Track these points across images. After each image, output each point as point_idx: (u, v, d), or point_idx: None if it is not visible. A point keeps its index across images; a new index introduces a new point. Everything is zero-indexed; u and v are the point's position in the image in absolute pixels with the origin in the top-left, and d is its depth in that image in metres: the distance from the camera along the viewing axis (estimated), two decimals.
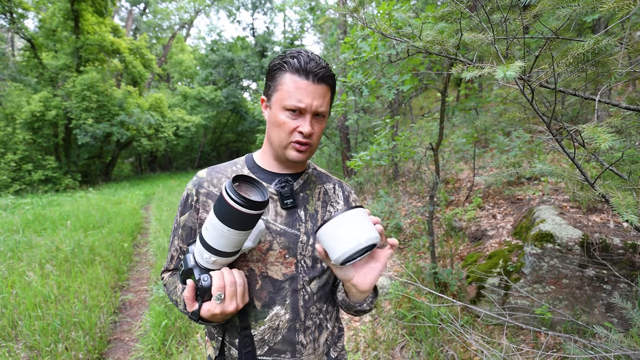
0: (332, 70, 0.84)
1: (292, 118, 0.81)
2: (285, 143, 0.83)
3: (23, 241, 4.92)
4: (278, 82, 0.81)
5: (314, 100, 0.79)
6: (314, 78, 0.79)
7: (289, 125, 0.81)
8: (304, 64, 0.78)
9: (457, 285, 2.78)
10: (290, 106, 0.79)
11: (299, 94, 0.78)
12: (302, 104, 0.78)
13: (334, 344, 0.95)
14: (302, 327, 0.86)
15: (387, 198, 4.63)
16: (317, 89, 0.80)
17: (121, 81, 17.63)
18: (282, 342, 0.84)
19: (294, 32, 25.71)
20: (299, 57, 0.79)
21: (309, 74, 0.78)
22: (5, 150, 12.41)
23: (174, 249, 0.92)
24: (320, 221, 0.90)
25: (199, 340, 2.68)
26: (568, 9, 0.99)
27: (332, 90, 0.86)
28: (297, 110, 0.80)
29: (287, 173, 0.91)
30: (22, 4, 12.53)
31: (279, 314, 0.83)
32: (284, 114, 0.81)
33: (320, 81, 0.80)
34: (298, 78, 0.78)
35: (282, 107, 0.80)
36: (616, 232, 2.32)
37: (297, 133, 0.81)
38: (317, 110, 0.81)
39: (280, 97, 0.80)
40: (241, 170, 0.93)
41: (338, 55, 7.04)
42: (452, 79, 6.01)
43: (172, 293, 0.89)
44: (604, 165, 1.09)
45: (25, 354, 2.47)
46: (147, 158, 24.32)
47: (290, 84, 0.79)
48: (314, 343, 0.88)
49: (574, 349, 1.49)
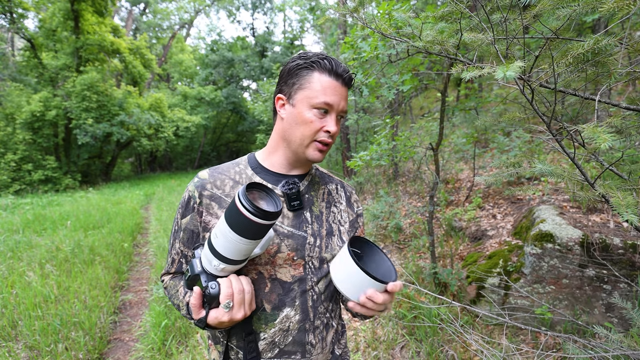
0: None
1: (319, 117, 0.82)
2: (308, 141, 0.83)
3: (23, 241, 4.92)
4: (305, 81, 0.82)
5: (342, 101, 0.83)
6: (342, 80, 0.82)
7: (315, 123, 0.81)
8: (335, 66, 0.81)
9: (457, 285, 2.78)
10: (320, 104, 0.80)
11: (329, 93, 0.80)
12: (332, 102, 0.81)
13: (337, 341, 0.96)
14: (311, 327, 0.86)
15: (387, 198, 4.63)
16: (344, 92, 0.83)
17: (121, 81, 17.63)
18: (292, 343, 0.84)
19: (294, 32, 25.72)
20: (329, 59, 0.82)
21: (339, 76, 0.82)
22: (5, 150, 12.41)
23: (174, 252, 0.91)
24: (325, 222, 0.90)
25: (199, 340, 2.68)
26: (568, 9, 0.99)
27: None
28: (325, 110, 0.81)
29: (294, 174, 0.91)
30: (22, 4, 12.53)
31: (289, 316, 0.84)
32: (311, 112, 0.81)
33: (346, 84, 0.84)
34: (329, 78, 0.81)
35: (310, 105, 0.81)
36: (616, 232, 2.32)
37: (323, 132, 0.82)
38: (343, 110, 0.84)
39: (308, 94, 0.81)
40: (244, 171, 0.92)
41: (338, 55, 7.04)
42: (452, 79, 6.00)
43: (174, 297, 0.88)
44: (604, 165, 1.09)
45: (25, 354, 2.47)
46: (147, 158, 24.32)
47: (320, 83, 0.81)
48: (322, 342, 0.89)
49: (573, 349, 1.49)
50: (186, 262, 0.91)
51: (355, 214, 0.98)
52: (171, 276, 0.93)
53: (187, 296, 0.84)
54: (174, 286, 0.89)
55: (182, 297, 0.85)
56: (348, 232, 0.93)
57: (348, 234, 0.93)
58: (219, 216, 0.85)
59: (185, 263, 0.91)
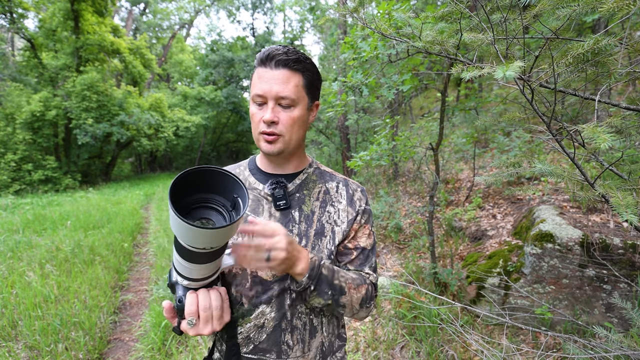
0: (300, 55, 0.81)
1: (259, 109, 0.81)
2: (256, 135, 0.83)
3: (23, 241, 4.92)
4: (252, 79, 0.84)
5: (273, 86, 0.78)
6: (272, 64, 0.79)
7: (256, 116, 0.82)
8: (264, 53, 0.79)
9: (457, 285, 2.78)
10: (254, 96, 0.81)
11: (260, 83, 0.79)
12: (260, 91, 0.79)
13: (331, 353, 0.92)
14: (288, 326, 0.84)
15: (387, 198, 4.63)
16: (277, 74, 0.78)
17: (121, 81, 17.63)
18: (266, 341, 0.83)
19: (294, 32, 25.72)
20: (263, 50, 0.81)
21: (267, 62, 0.79)
22: (5, 150, 12.41)
23: None
24: (316, 222, 0.88)
25: (199, 340, 2.68)
26: (568, 9, 0.99)
27: (304, 77, 0.82)
28: (260, 100, 0.80)
29: (283, 174, 0.90)
30: (22, 4, 12.53)
31: (265, 312, 0.82)
32: (253, 106, 0.82)
33: (279, 65, 0.78)
34: (260, 68, 0.80)
35: (251, 99, 0.83)
36: (616, 232, 2.32)
37: (262, 123, 0.81)
38: (279, 95, 0.78)
39: (250, 91, 0.83)
40: (243, 173, 0.92)
41: (338, 55, 7.04)
42: (452, 79, 6.00)
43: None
44: (604, 165, 1.09)
45: (25, 354, 2.47)
46: (147, 158, 24.32)
47: (255, 76, 0.81)
48: (303, 345, 0.85)
49: (573, 349, 1.49)
50: None
51: (355, 212, 0.92)
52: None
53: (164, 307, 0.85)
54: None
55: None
56: (344, 232, 0.89)
57: (344, 234, 0.89)
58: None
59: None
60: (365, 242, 0.92)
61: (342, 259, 0.91)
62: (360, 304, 0.86)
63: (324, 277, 0.78)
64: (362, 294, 0.86)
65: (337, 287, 0.81)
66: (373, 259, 0.94)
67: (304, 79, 0.82)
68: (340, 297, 0.81)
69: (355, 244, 0.91)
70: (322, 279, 0.78)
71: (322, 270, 0.78)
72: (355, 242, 0.91)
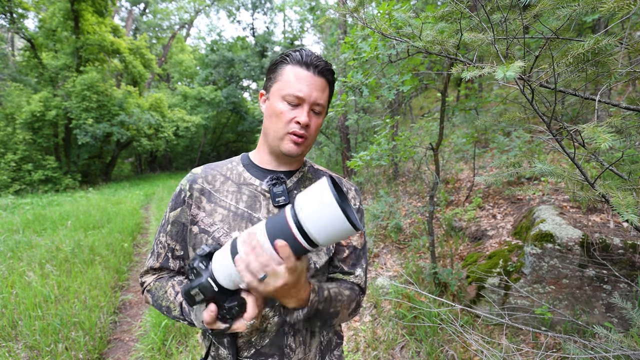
0: (331, 68, 0.84)
1: (291, 108, 0.81)
2: (281, 134, 0.82)
3: (23, 241, 4.92)
4: (278, 74, 0.82)
5: (313, 92, 0.80)
6: (314, 70, 0.80)
7: (286, 115, 0.80)
8: (305, 56, 0.80)
9: (457, 285, 2.78)
10: (289, 95, 0.79)
11: (299, 84, 0.79)
12: (301, 93, 0.79)
13: (329, 351, 0.93)
14: (291, 329, 0.84)
15: (387, 198, 4.63)
16: (317, 81, 0.81)
17: (121, 81, 17.62)
18: (269, 345, 0.82)
19: (294, 32, 25.71)
20: (301, 51, 0.81)
21: (309, 66, 0.80)
22: (5, 150, 12.41)
23: (160, 246, 0.90)
24: None
25: (199, 340, 2.68)
26: (568, 9, 0.99)
27: (331, 88, 0.86)
28: (296, 101, 0.80)
29: (281, 170, 0.90)
30: (22, 4, 12.52)
31: (268, 317, 0.82)
32: (282, 104, 0.81)
33: (320, 74, 0.81)
34: (299, 69, 0.80)
35: (281, 96, 0.81)
36: (616, 232, 2.32)
37: (294, 123, 0.80)
38: (316, 102, 0.81)
39: (279, 87, 0.81)
40: (235, 168, 0.91)
41: (338, 55, 7.04)
42: (452, 79, 6.00)
43: (162, 299, 0.85)
44: (604, 165, 1.09)
45: (25, 354, 2.47)
46: (147, 158, 24.31)
47: (291, 74, 0.80)
48: (305, 347, 0.86)
49: (573, 349, 1.49)
50: (172, 257, 0.89)
51: None
52: (155, 277, 0.90)
53: (178, 297, 0.82)
54: (161, 287, 0.87)
55: (172, 298, 0.83)
56: None
57: None
58: (206, 210, 0.85)
59: (172, 257, 0.89)
60: (357, 241, 0.93)
61: (335, 256, 0.92)
62: (349, 315, 0.88)
63: (318, 313, 0.77)
64: (352, 308, 0.87)
65: (332, 314, 0.81)
66: (364, 259, 0.95)
67: (330, 90, 0.86)
68: (332, 320, 0.83)
69: (347, 242, 0.92)
70: (317, 315, 0.77)
71: (318, 307, 0.75)
72: (347, 240, 0.92)
